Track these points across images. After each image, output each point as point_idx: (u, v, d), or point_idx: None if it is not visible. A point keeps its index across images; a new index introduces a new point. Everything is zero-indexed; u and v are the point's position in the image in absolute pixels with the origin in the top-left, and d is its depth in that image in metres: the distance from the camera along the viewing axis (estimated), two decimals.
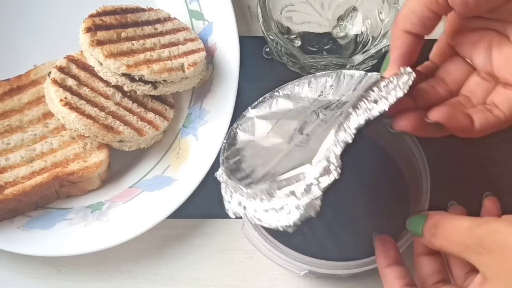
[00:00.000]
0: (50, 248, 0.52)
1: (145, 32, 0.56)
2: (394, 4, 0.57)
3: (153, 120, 0.56)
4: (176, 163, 0.56)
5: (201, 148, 0.56)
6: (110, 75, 0.53)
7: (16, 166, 0.53)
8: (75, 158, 0.54)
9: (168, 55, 0.55)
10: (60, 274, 0.54)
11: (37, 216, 0.54)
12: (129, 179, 0.57)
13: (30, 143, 0.54)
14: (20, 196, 0.51)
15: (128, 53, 0.53)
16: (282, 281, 0.54)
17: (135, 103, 0.56)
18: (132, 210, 0.54)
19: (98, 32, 0.53)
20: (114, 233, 0.53)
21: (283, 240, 0.48)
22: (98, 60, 0.53)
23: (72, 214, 0.54)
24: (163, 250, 0.55)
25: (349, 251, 0.50)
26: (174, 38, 0.57)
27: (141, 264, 0.55)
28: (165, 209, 0.53)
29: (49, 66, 0.57)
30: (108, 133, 0.53)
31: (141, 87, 0.53)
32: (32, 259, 0.53)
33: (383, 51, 0.55)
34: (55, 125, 0.55)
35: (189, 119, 0.58)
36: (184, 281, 0.54)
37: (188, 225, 0.56)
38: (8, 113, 0.55)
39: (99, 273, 0.54)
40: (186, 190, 0.54)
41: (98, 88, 0.55)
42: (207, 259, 0.55)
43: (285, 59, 0.57)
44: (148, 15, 0.58)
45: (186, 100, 0.60)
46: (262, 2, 0.56)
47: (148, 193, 0.55)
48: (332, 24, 0.62)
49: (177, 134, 0.58)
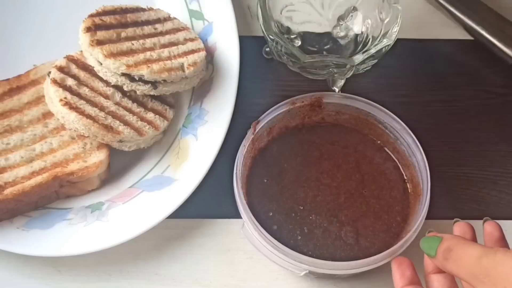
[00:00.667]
0: (50, 248, 0.52)
1: (145, 32, 0.56)
2: (395, 3, 0.57)
3: (153, 120, 0.56)
4: (176, 163, 0.56)
5: (201, 148, 0.56)
6: (110, 75, 0.53)
7: (15, 166, 0.53)
8: (75, 158, 0.54)
9: (168, 55, 0.55)
10: (60, 274, 0.54)
11: (36, 216, 0.54)
12: (129, 179, 0.57)
13: (29, 143, 0.54)
14: (20, 196, 0.51)
15: (128, 53, 0.53)
16: (282, 281, 0.54)
17: (135, 103, 0.56)
18: (132, 210, 0.54)
19: (98, 32, 0.53)
20: (114, 233, 0.52)
21: (283, 240, 0.48)
22: (98, 60, 0.53)
23: (72, 214, 0.54)
24: (163, 250, 0.55)
25: (348, 252, 0.50)
26: (174, 38, 0.57)
27: (141, 264, 0.55)
28: (165, 209, 0.53)
29: (48, 66, 0.57)
30: (108, 133, 0.52)
31: (141, 87, 0.53)
32: (32, 259, 0.53)
33: (383, 51, 0.55)
34: (55, 125, 0.55)
35: (189, 119, 0.58)
36: (184, 281, 0.54)
37: (188, 225, 0.56)
38: (8, 113, 0.55)
39: (99, 273, 0.54)
40: (186, 190, 0.54)
41: (98, 88, 0.55)
42: (207, 259, 0.55)
43: (285, 59, 0.57)
44: (148, 15, 0.58)
45: (186, 100, 0.60)
46: (262, 2, 0.56)
47: (148, 193, 0.55)
48: (332, 24, 0.62)
49: (177, 134, 0.58)
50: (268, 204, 0.52)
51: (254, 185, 0.53)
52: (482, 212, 0.57)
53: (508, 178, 0.59)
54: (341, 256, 0.50)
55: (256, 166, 0.54)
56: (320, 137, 0.56)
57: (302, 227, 0.51)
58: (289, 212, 0.52)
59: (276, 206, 0.52)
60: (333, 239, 0.51)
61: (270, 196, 0.53)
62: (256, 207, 0.52)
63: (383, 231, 0.51)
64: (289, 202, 0.52)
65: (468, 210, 0.57)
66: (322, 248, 0.50)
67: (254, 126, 0.53)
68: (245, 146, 0.52)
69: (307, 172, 0.54)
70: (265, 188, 0.53)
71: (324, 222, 0.51)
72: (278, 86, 0.62)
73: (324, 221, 0.51)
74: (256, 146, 0.54)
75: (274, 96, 0.58)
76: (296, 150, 0.55)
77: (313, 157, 0.55)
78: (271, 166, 0.54)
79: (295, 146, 0.56)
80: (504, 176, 0.59)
